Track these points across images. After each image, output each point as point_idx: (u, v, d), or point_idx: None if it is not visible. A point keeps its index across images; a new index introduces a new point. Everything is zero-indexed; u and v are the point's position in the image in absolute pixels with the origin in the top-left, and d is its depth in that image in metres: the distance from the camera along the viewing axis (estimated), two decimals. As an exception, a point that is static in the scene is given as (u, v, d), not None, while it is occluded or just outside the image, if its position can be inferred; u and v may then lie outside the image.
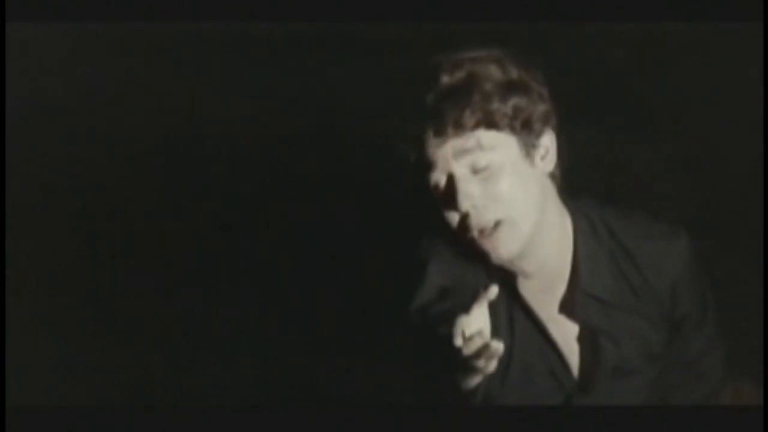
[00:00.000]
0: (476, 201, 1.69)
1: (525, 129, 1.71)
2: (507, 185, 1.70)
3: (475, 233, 1.71)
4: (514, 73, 1.71)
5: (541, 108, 1.73)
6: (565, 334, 1.84)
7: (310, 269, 2.76)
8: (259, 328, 2.76)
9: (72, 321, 2.79)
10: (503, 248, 1.72)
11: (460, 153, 1.68)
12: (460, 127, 1.67)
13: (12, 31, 2.32)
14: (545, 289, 1.83)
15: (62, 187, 2.83)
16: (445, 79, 1.69)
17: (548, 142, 1.75)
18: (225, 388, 2.70)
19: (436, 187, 1.72)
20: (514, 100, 1.70)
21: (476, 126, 1.68)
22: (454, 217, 1.72)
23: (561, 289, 1.83)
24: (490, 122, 1.68)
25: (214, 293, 2.81)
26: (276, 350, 2.73)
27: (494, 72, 1.70)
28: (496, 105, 1.68)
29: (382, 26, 2.52)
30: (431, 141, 1.68)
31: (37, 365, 2.69)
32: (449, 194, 1.70)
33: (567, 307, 1.83)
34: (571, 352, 1.85)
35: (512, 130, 1.70)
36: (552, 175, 1.78)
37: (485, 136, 1.68)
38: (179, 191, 2.85)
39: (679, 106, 2.63)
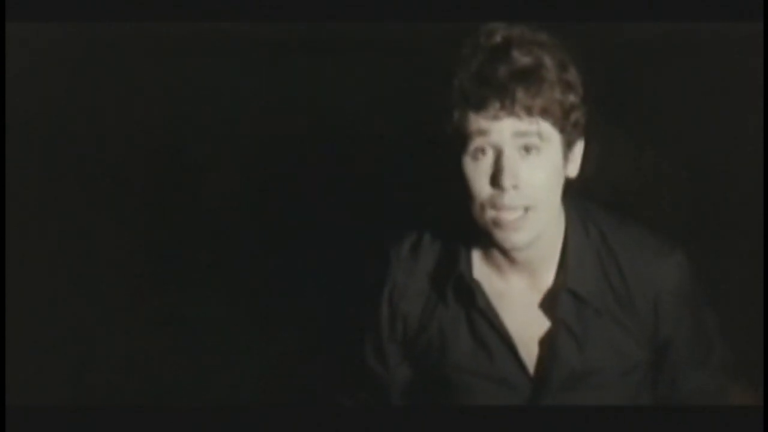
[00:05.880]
0: (518, 182, 1.69)
1: (572, 130, 1.74)
2: (544, 177, 1.71)
3: (500, 214, 1.71)
4: (570, 70, 1.73)
5: (585, 114, 1.76)
6: (529, 336, 1.84)
7: (310, 269, 2.76)
8: (259, 328, 2.76)
9: (72, 321, 2.79)
10: (518, 235, 1.72)
11: (519, 134, 1.69)
12: (528, 112, 1.68)
13: (12, 31, 2.32)
14: (531, 285, 1.83)
15: (62, 187, 2.82)
16: (516, 55, 1.69)
17: (579, 149, 1.78)
18: (225, 388, 2.70)
19: (476, 153, 1.71)
20: (571, 99, 1.72)
21: (540, 113, 1.69)
22: (484, 191, 1.72)
23: (546, 285, 1.83)
24: (550, 114, 1.70)
25: (214, 293, 2.81)
26: (276, 350, 2.74)
27: (555, 65, 1.71)
28: (558, 98, 1.70)
29: (383, 27, 2.52)
30: (495, 112, 1.68)
31: (37, 365, 2.69)
32: (494, 167, 1.70)
33: (547, 303, 1.83)
34: (529, 355, 1.84)
35: (562, 127, 1.72)
36: (567, 180, 1.79)
37: (545, 125, 1.70)
38: (179, 191, 2.85)
39: (678, 106, 2.63)
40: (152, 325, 2.80)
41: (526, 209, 1.71)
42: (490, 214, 1.72)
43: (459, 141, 1.72)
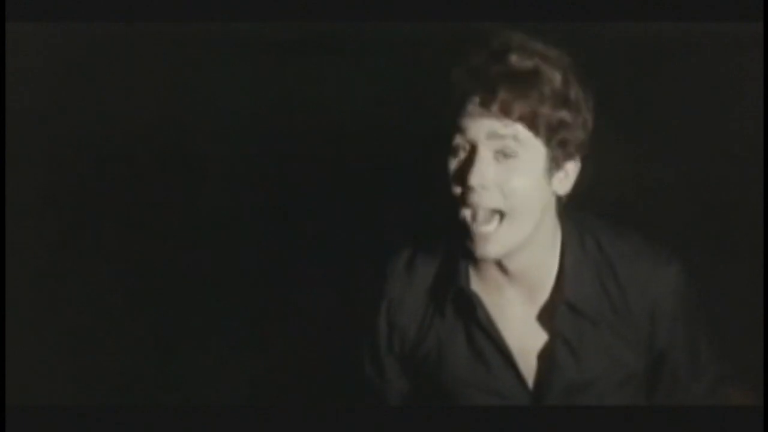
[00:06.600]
0: (486, 183, 1.69)
1: (559, 147, 1.72)
2: (520, 184, 1.70)
3: (470, 215, 1.71)
4: (573, 90, 1.72)
5: (581, 136, 1.74)
6: (527, 349, 1.84)
7: (309, 269, 2.76)
8: (258, 328, 2.76)
9: (72, 321, 2.79)
10: (493, 246, 1.72)
11: (493, 135, 1.69)
12: (505, 112, 1.67)
13: (12, 31, 2.32)
14: (527, 298, 1.83)
15: (62, 187, 2.82)
16: (513, 59, 1.69)
17: (572, 168, 1.77)
18: (224, 388, 2.70)
19: (456, 151, 1.71)
20: (562, 115, 1.71)
21: (519, 119, 1.68)
22: (456, 189, 1.72)
23: (543, 298, 1.83)
24: (531, 123, 1.69)
25: (213, 294, 2.81)
26: (275, 351, 2.74)
27: (557, 80, 1.70)
28: (545, 111, 1.69)
29: (383, 27, 2.52)
30: (473, 108, 1.68)
31: (37, 365, 2.69)
32: (465, 165, 1.70)
33: (545, 315, 1.83)
34: (528, 367, 1.84)
35: (547, 141, 1.71)
36: (558, 197, 1.78)
37: (523, 132, 1.69)
38: (178, 191, 2.85)
39: (677, 106, 2.63)
40: (152, 325, 2.80)
41: (501, 217, 1.71)
42: (464, 213, 1.72)
43: (445, 139, 1.72)
